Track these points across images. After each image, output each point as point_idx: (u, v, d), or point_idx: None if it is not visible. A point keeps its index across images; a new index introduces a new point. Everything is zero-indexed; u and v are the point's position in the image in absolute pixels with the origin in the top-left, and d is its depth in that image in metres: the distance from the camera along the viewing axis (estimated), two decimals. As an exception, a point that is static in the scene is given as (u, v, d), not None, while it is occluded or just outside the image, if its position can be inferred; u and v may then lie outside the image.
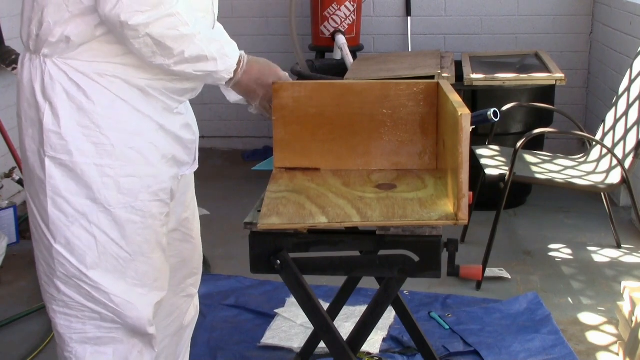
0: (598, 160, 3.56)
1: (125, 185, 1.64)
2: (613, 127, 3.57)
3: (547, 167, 3.53)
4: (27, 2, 1.63)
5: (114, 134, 1.62)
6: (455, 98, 1.70)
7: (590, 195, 4.12)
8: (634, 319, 2.57)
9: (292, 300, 3.00)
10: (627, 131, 3.41)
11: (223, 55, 1.65)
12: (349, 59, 4.53)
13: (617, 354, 2.68)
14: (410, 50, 5.05)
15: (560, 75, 3.90)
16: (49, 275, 1.69)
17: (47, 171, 1.61)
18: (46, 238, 1.66)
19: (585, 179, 3.40)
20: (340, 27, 4.79)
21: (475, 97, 3.92)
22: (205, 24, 1.67)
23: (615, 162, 3.33)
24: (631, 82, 3.54)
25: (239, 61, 1.70)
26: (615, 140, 3.48)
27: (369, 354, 2.67)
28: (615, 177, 3.32)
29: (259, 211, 1.69)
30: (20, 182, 3.79)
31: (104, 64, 1.60)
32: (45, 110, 1.60)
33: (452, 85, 1.91)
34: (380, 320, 2.10)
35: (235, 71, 1.70)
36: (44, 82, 1.60)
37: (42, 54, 1.59)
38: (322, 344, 2.37)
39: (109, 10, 1.52)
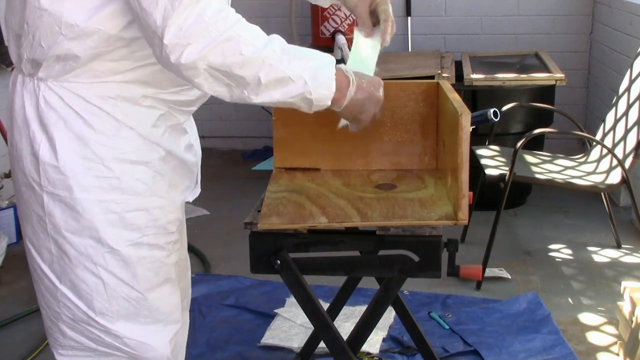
0: (598, 161, 3.56)
1: (132, 221, 1.51)
2: (613, 127, 3.57)
3: (547, 167, 3.53)
4: (14, 19, 1.46)
5: (119, 165, 1.48)
6: (455, 98, 1.70)
7: (590, 195, 4.11)
8: (634, 319, 2.56)
9: (292, 300, 3.00)
10: (627, 131, 3.41)
11: (314, 69, 1.47)
12: (349, 59, 4.53)
13: (617, 354, 2.68)
14: (410, 50, 5.05)
15: (560, 75, 3.90)
16: (53, 319, 1.57)
17: (45, 208, 1.48)
18: (48, 279, 1.53)
19: (585, 179, 3.40)
20: (340, 27, 4.79)
21: (475, 97, 3.91)
22: (283, 42, 1.47)
23: (615, 162, 3.33)
24: (631, 82, 3.54)
25: (347, 82, 1.54)
26: (616, 141, 3.48)
27: (369, 354, 2.67)
28: (615, 177, 3.32)
29: (259, 211, 1.69)
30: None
31: (106, 83, 1.46)
32: (41, 140, 1.45)
33: (452, 85, 1.91)
34: (380, 320, 2.10)
35: (340, 96, 1.53)
36: (38, 109, 1.45)
37: (37, 77, 1.46)
38: (322, 344, 2.37)
39: (159, 55, 1.37)
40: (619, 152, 3.38)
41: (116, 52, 1.45)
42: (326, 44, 4.87)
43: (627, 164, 3.28)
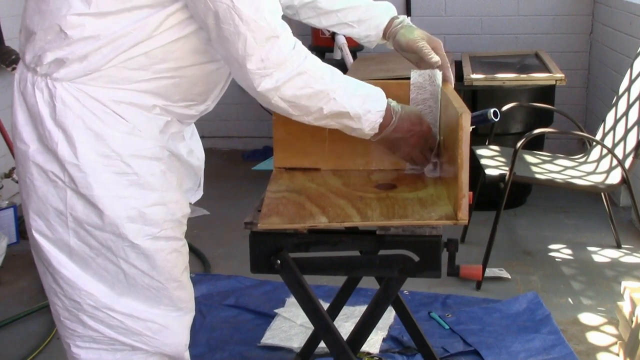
0: (598, 161, 3.56)
1: (151, 216, 1.54)
2: (613, 127, 3.57)
3: (547, 167, 3.53)
4: (43, 23, 1.47)
5: (136, 160, 1.51)
6: (455, 98, 1.70)
7: (590, 195, 4.11)
8: (634, 319, 2.56)
9: (292, 300, 3.00)
10: (627, 131, 3.41)
11: (366, 112, 1.63)
12: (349, 59, 4.53)
13: (617, 354, 2.68)
14: (410, 50, 5.04)
15: (560, 75, 3.90)
16: (72, 309, 1.57)
17: (68, 202, 1.50)
18: (67, 270, 1.54)
19: (585, 179, 3.40)
20: (340, 27, 4.78)
21: (475, 97, 3.91)
22: (342, 74, 1.63)
23: (615, 162, 3.33)
24: (631, 82, 3.54)
25: (389, 115, 1.68)
26: (616, 141, 3.48)
27: (369, 354, 2.67)
28: (615, 177, 3.32)
29: (259, 211, 1.69)
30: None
31: (119, 90, 1.49)
32: (59, 139, 1.47)
33: (452, 85, 1.90)
34: (380, 320, 2.10)
35: (382, 127, 1.68)
36: (55, 108, 1.47)
37: (52, 77, 1.47)
38: (322, 344, 2.37)
39: (237, 74, 1.51)
40: (619, 152, 3.38)
41: (136, 60, 1.48)
42: (326, 44, 4.87)
43: (627, 164, 3.28)
